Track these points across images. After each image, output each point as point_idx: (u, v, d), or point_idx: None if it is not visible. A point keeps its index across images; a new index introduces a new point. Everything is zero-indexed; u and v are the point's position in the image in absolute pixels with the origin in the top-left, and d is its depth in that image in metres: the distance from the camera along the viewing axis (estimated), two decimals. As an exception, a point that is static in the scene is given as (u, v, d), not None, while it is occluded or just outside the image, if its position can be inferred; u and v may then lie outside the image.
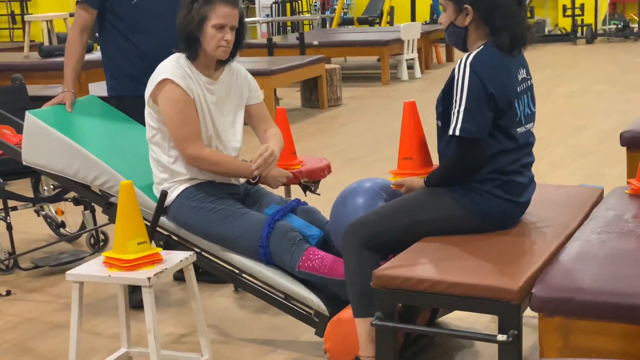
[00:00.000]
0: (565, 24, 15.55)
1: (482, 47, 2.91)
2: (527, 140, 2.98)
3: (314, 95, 9.68)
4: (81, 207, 4.80)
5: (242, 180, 3.57)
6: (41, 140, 3.60)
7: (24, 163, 3.73)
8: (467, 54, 2.91)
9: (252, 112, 3.62)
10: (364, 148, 7.41)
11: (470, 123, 2.82)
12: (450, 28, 2.98)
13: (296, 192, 4.17)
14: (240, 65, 3.62)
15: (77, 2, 3.98)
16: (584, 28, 14.89)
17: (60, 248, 4.86)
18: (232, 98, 3.56)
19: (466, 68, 2.85)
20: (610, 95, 9.31)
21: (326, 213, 3.57)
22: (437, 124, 3.02)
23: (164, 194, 3.38)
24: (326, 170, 4.07)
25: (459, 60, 2.90)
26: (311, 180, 4.02)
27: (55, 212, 5.07)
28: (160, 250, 3.02)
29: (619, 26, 14.98)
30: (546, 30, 15.90)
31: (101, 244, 4.80)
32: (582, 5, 14.96)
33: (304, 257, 3.26)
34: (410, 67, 11.78)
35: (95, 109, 3.91)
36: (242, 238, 3.33)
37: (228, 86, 3.54)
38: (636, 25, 14.83)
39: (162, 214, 3.43)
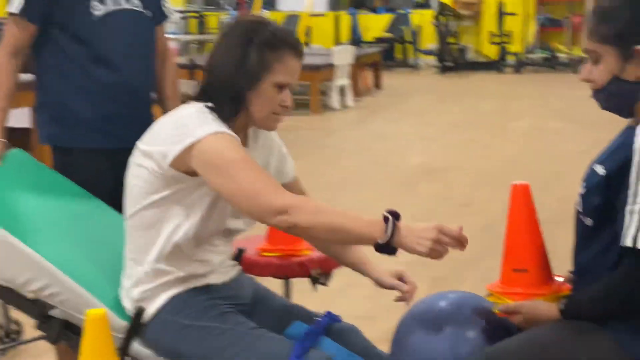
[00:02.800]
0: (491, 51, 14.93)
1: None
2: None
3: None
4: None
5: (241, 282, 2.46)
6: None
7: None
8: None
9: None
10: (319, 195, 6.36)
11: None
12: (611, 85, 1.97)
13: (300, 285, 3.06)
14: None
15: (8, 14, 2.77)
16: (508, 56, 14.31)
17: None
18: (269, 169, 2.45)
19: None
20: (572, 134, 8.60)
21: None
22: (582, 221, 2.00)
23: (139, 312, 2.25)
24: (344, 256, 3.00)
25: (638, 129, 1.89)
26: (323, 272, 2.95)
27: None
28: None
29: (547, 56, 14.45)
30: (468, 57, 15.27)
31: (13, 336, 3.60)
32: (510, 33, 14.37)
33: (353, 407, 2.21)
34: (341, 94, 10.81)
35: (26, 170, 2.70)
36: (258, 376, 2.23)
37: (264, 156, 2.42)
38: (563, 55, 14.33)
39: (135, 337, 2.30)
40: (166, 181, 2.22)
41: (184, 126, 2.20)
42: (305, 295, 3.05)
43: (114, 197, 2.79)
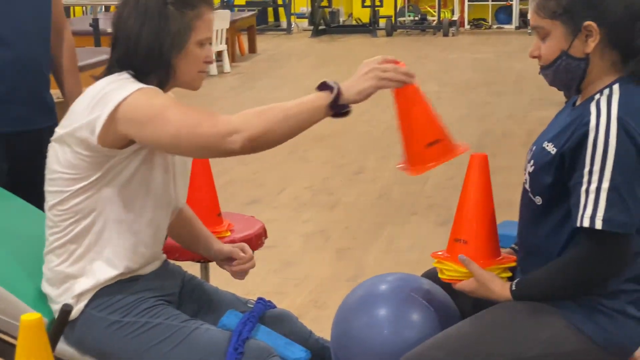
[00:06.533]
0: (362, 14, 14.99)
1: (615, 85, 1.91)
2: None
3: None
4: None
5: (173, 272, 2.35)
6: None
7: None
8: (602, 99, 1.89)
9: None
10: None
11: (618, 210, 1.82)
12: (561, 60, 1.94)
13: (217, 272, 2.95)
14: None
15: None
16: (380, 19, 14.39)
17: None
18: None
19: (611, 123, 1.83)
20: (449, 98, 8.70)
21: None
22: (531, 199, 1.98)
23: (66, 310, 2.11)
24: (263, 235, 2.92)
25: (592, 107, 1.88)
26: (245, 253, 2.85)
27: None
28: None
29: (416, 18, 14.62)
30: (340, 20, 15.28)
31: None
32: (381, -5, 14.45)
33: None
34: (217, 60, 10.60)
35: None
36: (194, 371, 2.13)
37: None
38: (434, 18, 14.54)
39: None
40: (95, 161, 2.06)
41: (103, 95, 2.03)
42: (214, 274, 2.96)
43: (11, 184, 2.62)
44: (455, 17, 14.49)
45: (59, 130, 2.12)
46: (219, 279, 3.08)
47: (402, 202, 5.28)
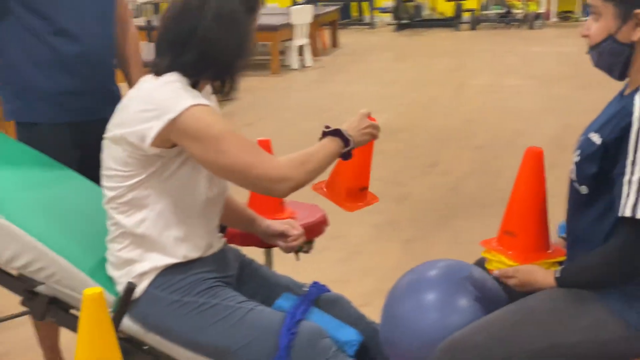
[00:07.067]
0: (446, 8, 14.92)
1: None
2: None
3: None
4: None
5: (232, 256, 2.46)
6: None
7: None
8: None
9: None
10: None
11: None
12: (606, 43, 1.98)
13: (281, 259, 3.05)
14: None
15: None
16: (463, 13, 14.30)
17: None
18: None
19: None
20: (530, 91, 8.63)
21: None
22: (576, 189, 2.02)
23: (130, 288, 2.23)
24: (324, 224, 3.01)
25: (637, 98, 1.91)
26: (306, 240, 2.95)
27: None
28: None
29: (502, 12, 14.48)
30: (423, 14, 15.24)
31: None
32: (466, -11, 14.37)
33: (345, 379, 2.22)
34: (300, 54, 10.74)
35: (4, 151, 2.65)
36: (249, 349, 2.22)
37: None
38: (519, 11, 14.37)
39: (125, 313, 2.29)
40: (147, 161, 2.18)
41: (157, 102, 2.12)
42: (279, 261, 3.06)
43: (81, 169, 2.76)
44: (542, 10, 14.30)
45: (111, 129, 2.23)
46: (286, 266, 3.18)
47: (473, 195, 5.30)
